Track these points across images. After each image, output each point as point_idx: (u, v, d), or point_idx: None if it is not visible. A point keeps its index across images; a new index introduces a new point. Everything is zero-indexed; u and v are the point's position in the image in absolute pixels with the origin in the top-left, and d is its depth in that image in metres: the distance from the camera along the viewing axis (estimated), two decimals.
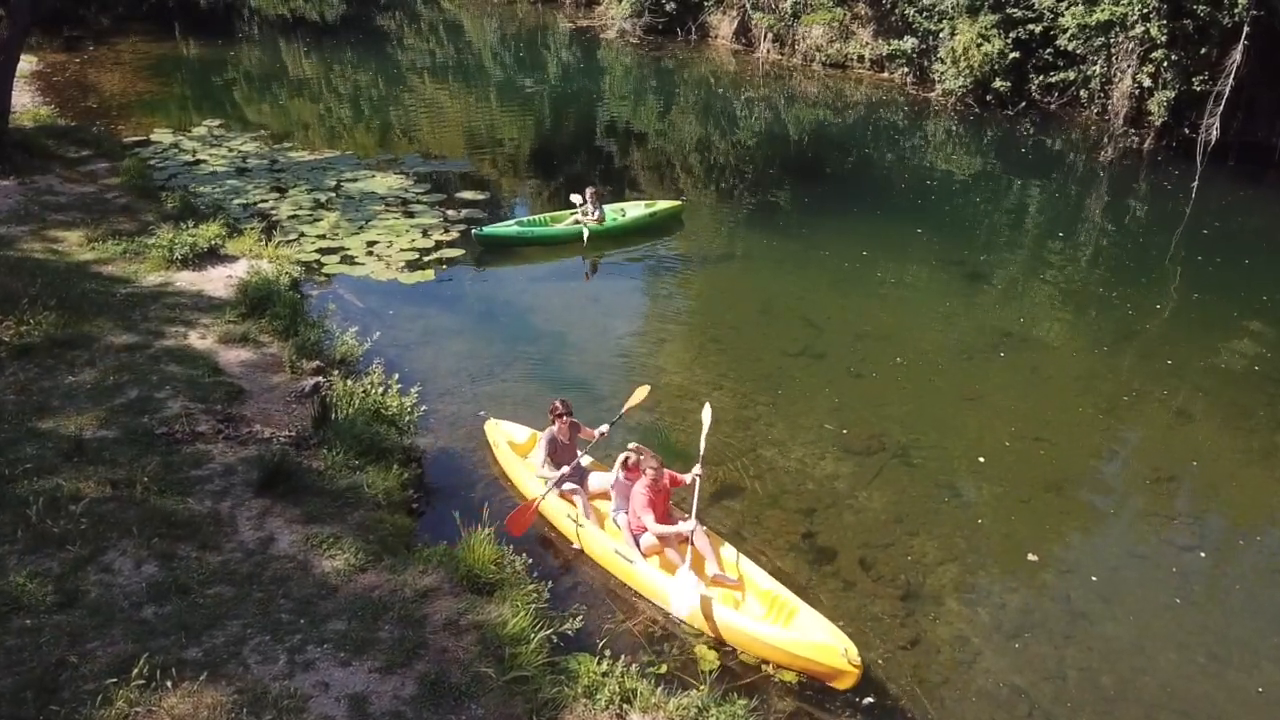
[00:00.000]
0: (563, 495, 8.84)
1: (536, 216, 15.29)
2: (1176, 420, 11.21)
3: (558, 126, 24.03)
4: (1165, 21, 18.06)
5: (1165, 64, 18.68)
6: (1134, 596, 8.47)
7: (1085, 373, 12.08)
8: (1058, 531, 9.27)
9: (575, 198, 15.11)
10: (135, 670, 5.72)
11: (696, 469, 8.46)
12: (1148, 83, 19.36)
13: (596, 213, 15.08)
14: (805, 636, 7.10)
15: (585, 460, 9.21)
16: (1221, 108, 18.01)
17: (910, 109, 24.60)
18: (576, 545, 8.57)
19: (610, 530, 8.60)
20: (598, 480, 9.18)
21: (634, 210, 15.83)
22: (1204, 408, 11.47)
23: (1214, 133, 18.16)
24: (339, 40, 32.74)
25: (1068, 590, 8.50)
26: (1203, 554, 9.02)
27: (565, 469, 8.77)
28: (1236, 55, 17.36)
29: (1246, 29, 17.29)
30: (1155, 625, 8.18)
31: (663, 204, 16.21)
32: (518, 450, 9.49)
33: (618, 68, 30.19)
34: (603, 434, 9.16)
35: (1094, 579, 8.64)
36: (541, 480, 8.81)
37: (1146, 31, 18.46)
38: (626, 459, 8.47)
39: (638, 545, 8.21)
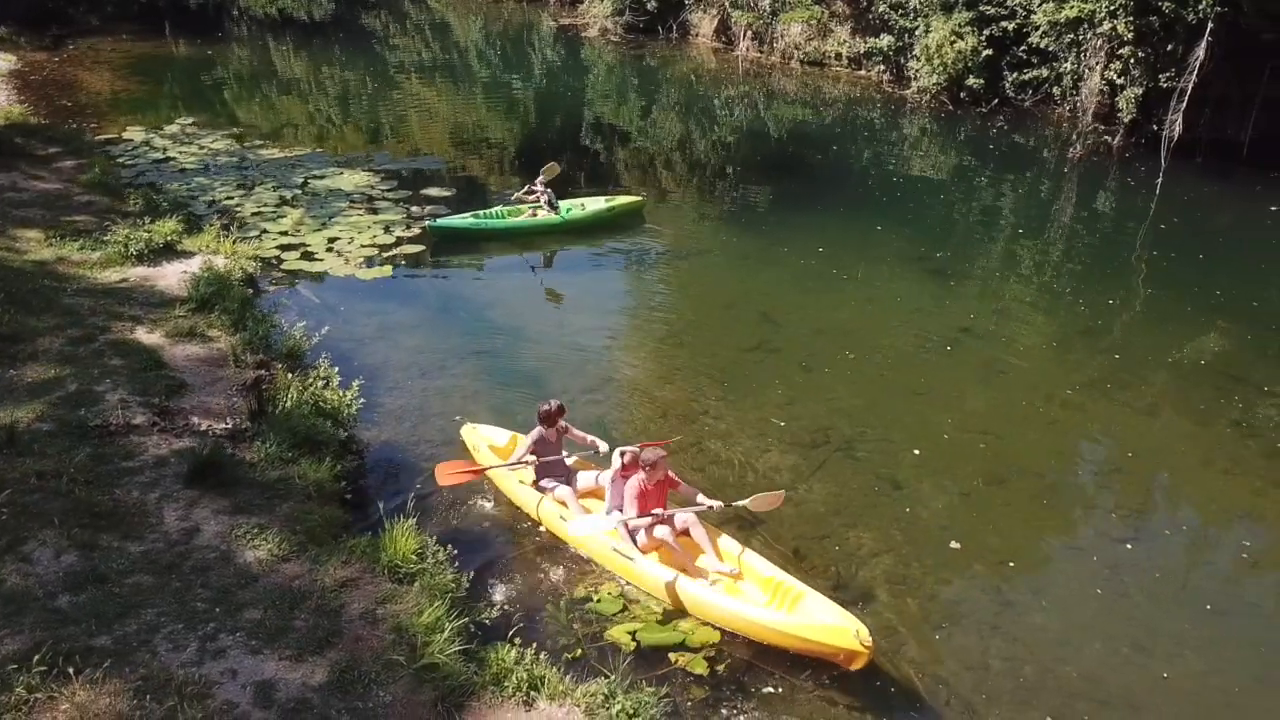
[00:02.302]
0: (549, 494, 8.72)
1: (491, 209, 15.32)
2: (1121, 414, 11.24)
3: (538, 124, 24.17)
4: (1132, 18, 18.10)
5: (1132, 61, 18.73)
6: (1064, 589, 8.49)
7: (1035, 367, 12.13)
8: (995, 524, 9.28)
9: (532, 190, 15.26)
10: (37, 657, 5.77)
11: (712, 503, 8.21)
12: (1116, 79, 19.40)
13: (545, 195, 15.13)
14: (815, 620, 7.13)
15: (570, 460, 9.06)
16: (1184, 104, 18.04)
17: (887, 107, 24.68)
18: (560, 543, 8.46)
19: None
20: (585, 479, 9.03)
21: (593, 205, 15.87)
22: (1149, 402, 11.53)
23: (1176, 129, 18.20)
24: (326, 39, 32.92)
25: (999, 582, 8.52)
26: (1136, 546, 9.02)
27: (530, 456, 8.74)
28: (1199, 52, 17.40)
29: (1210, 25, 17.33)
30: (1082, 616, 8.19)
31: (622, 199, 16.26)
32: (499, 454, 9.26)
33: (600, 66, 30.36)
34: (594, 444, 8.94)
35: (1026, 571, 8.67)
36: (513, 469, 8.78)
37: (1114, 28, 18.50)
38: (624, 454, 8.33)
39: (634, 542, 8.08)
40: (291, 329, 10.92)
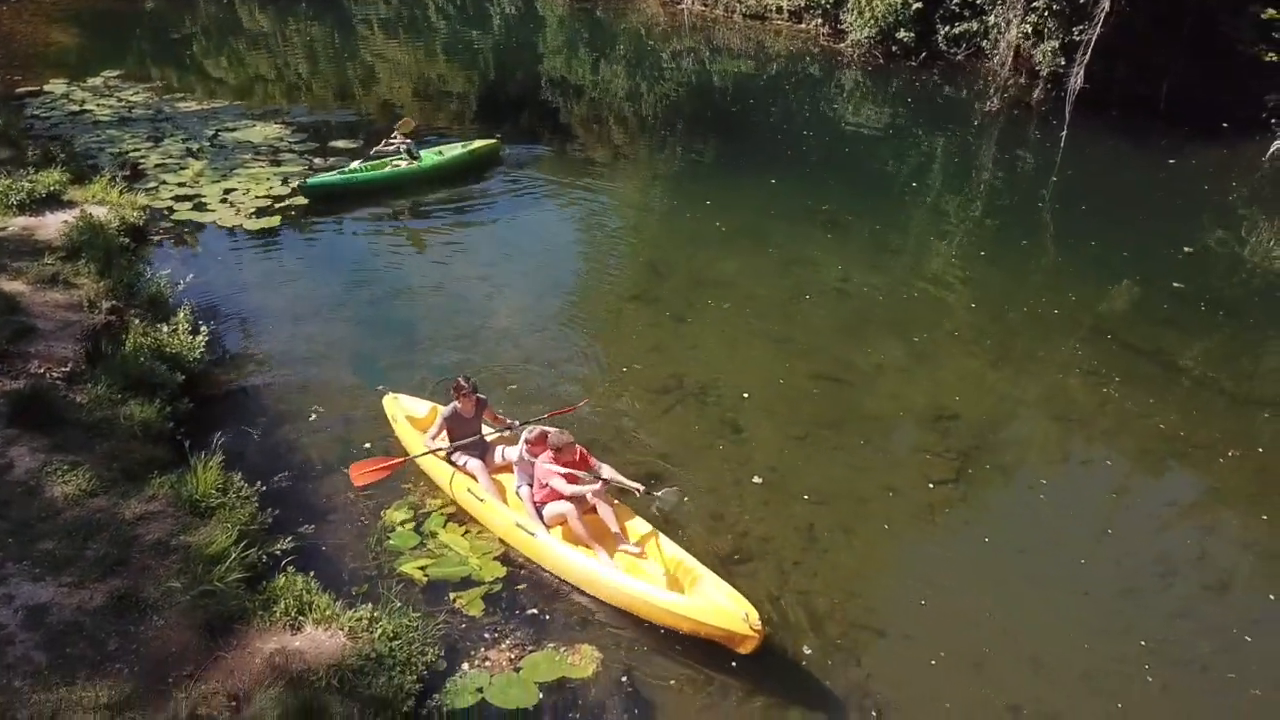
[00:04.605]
0: (460, 468, 8.65)
1: (357, 163, 15.43)
2: (970, 363, 11.45)
3: (495, 77, 24.50)
4: None
5: (1047, 13, 18.74)
6: (872, 528, 8.70)
7: (897, 317, 12.30)
8: (822, 466, 9.49)
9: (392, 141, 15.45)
10: None
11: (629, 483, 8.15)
12: (1032, 32, 19.42)
13: (405, 145, 15.32)
14: (705, 602, 7.08)
15: (488, 435, 8.99)
16: (1087, 57, 18.08)
17: (824, 60, 24.68)
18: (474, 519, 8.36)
19: (513, 503, 8.40)
20: (499, 455, 8.98)
21: (451, 151, 16.15)
22: (1000, 349, 11.73)
23: (1078, 81, 18.26)
24: None
25: (812, 520, 8.71)
26: (952, 487, 9.22)
27: (447, 443, 8.65)
28: (1105, 3, 17.42)
29: None
30: (883, 554, 8.49)
31: (479, 143, 16.60)
32: (417, 425, 9.20)
33: (552, 20, 30.31)
34: (511, 426, 8.91)
35: (840, 510, 8.83)
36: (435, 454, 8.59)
37: None
38: (529, 435, 8.30)
39: (541, 518, 8.07)
40: (155, 276, 11.12)
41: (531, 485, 8.25)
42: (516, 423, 8.96)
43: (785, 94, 22.64)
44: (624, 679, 6.86)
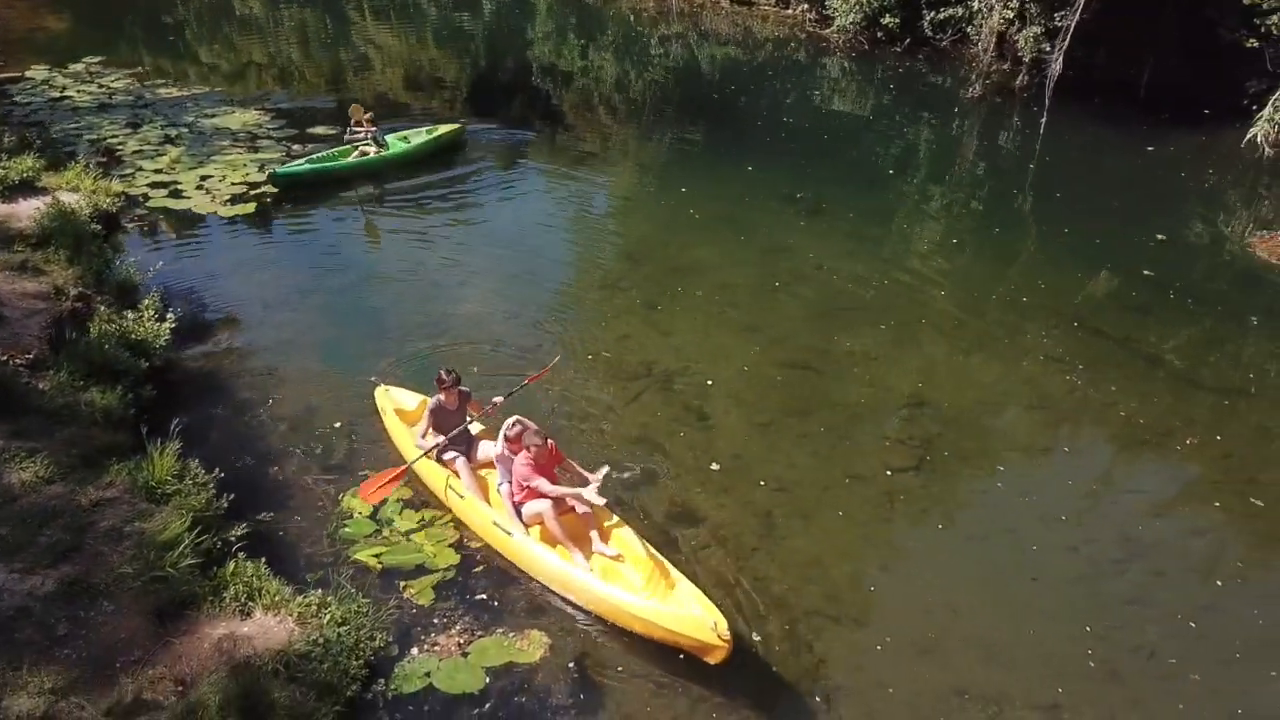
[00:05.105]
0: (446, 464, 8.56)
1: (327, 151, 15.41)
2: (940, 349, 11.50)
3: (485, 62, 24.52)
4: None
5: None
6: (831, 515, 8.74)
7: (870, 303, 12.32)
8: (784, 453, 9.53)
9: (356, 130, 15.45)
10: None
11: (597, 476, 7.95)
12: (1014, 18, 19.38)
13: (370, 132, 15.31)
14: (675, 610, 6.98)
15: (474, 429, 8.92)
16: (1066, 43, 18.03)
17: (810, 46, 24.64)
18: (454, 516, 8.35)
19: (494, 501, 8.30)
20: (485, 449, 8.85)
21: (416, 137, 16.18)
22: (968, 337, 11.75)
23: (1058, 68, 18.22)
24: None
25: (771, 506, 8.77)
26: (914, 475, 9.29)
27: (441, 439, 8.56)
28: None
29: None
30: (841, 540, 8.49)
31: (444, 128, 16.63)
32: (405, 418, 9.16)
33: (541, 4, 30.26)
34: (495, 405, 8.91)
35: (800, 497, 8.88)
36: (419, 450, 8.55)
37: None
38: (508, 430, 8.18)
39: (519, 517, 7.98)
40: (125, 264, 11.15)
41: (511, 483, 8.18)
42: (498, 400, 8.94)
43: (770, 80, 22.61)
44: (571, 664, 6.93)
